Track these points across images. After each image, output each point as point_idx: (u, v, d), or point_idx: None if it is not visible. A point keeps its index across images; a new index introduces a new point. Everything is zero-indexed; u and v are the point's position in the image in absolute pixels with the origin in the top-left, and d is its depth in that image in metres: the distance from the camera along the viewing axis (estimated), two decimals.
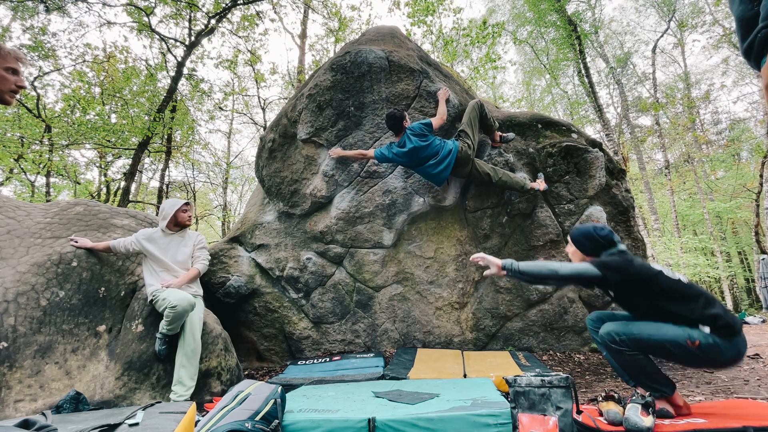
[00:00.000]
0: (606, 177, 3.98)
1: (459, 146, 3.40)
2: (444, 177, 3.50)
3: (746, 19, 0.89)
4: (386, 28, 4.36)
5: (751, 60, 0.92)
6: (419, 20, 10.72)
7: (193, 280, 3.00)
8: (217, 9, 9.47)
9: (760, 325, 8.83)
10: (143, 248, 2.93)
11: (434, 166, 3.42)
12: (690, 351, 1.77)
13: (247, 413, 1.68)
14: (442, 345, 3.76)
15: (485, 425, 1.69)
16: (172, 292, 2.69)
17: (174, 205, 3.06)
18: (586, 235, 2.18)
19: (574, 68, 13.78)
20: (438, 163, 3.41)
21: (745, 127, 15.61)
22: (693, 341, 1.77)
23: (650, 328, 1.88)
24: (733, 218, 17.16)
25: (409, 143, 3.36)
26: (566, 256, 3.93)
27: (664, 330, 1.84)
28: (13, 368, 2.43)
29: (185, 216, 3.09)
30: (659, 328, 1.86)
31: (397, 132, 3.47)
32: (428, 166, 3.44)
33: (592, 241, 2.15)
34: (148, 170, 14.99)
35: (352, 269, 3.93)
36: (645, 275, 1.95)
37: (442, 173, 3.46)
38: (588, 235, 2.17)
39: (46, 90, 9.96)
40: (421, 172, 3.57)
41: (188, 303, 2.65)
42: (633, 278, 1.95)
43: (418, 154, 3.40)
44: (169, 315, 2.58)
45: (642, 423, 1.66)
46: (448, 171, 3.46)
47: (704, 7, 13.96)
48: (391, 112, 3.45)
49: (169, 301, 2.60)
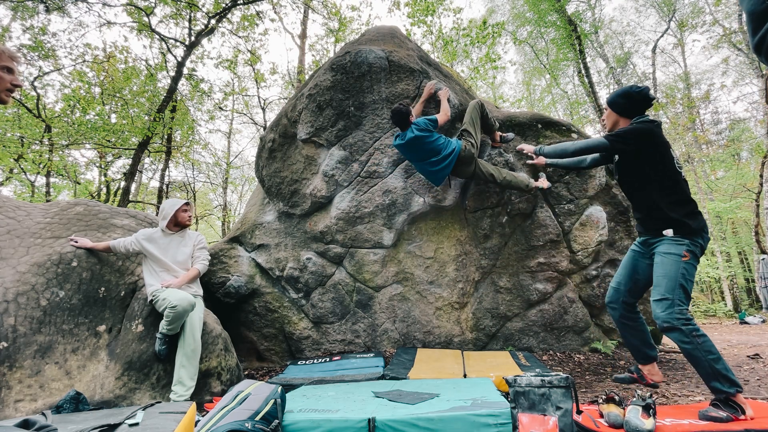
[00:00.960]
0: (606, 177, 3.98)
1: (462, 145, 3.39)
2: (443, 176, 3.50)
3: (757, 14, 0.89)
4: (386, 28, 4.36)
5: (761, 55, 0.91)
6: (419, 20, 10.73)
7: (193, 280, 3.01)
8: (217, 9, 9.47)
9: (760, 325, 8.83)
10: (143, 248, 2.93)
11: (435, 163, 3.41)
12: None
13: (247, 413, 1.68)
14: (442, 345, 3.76)
15: (485, 425, 1.69)
16: (172, 292, 2.69)
17: (174, 205, 3.06)
18: (621, 93, 2.17)
19: (574, 68, 13.78)
20: (439, 161, 3.40)
21: (745, 127, 15.62)
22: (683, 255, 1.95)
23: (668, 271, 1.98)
24: (733, 218, 17.15)
25: (410, 134, 3.33)
26: (566, 256, 3.94)
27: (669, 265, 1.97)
28: (13, 368, 2.43)
29: (185, 216, 3.10)
30: (666, 267, 1.98)
31: (402, 128, 3.44)
32: (428, 162, 3.42)
33: (627, 97, 2.14)
34: (148, 170, 15.00)
35: (352, 269, 3.93)
36: (660, 148, 2.04)
37: (441, 172, 3.46)
38: (624, 93, 2.15)
39: (46, 90, 9.96)
40: (421, 169, 3.56)
41: (188, 303, 2.65)
42: (647, 148, 2.03)
43: (420, 146, 3.36)
44: (169, 315, 2.58)
45: (643, 425, 1.65)
46: (447, 171, 3.46)
47: (704, 7, 13.96)
48: (397, 108, 3.41)
49: (169, 301, 2.60)
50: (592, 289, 3.95)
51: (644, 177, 2.10)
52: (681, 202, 2.03)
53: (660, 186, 2.06)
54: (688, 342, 1.83)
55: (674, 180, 2.04)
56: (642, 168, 2.09)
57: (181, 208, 3.08)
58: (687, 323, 1.84)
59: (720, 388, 1.80)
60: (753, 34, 0.91)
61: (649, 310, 3.96)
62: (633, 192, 2.22)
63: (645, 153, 2.06)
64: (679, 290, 1.89)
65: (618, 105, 2.18)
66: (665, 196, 2.05)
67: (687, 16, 14.41)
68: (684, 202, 2.03)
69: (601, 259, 4.03)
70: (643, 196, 2.14)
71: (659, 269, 1.98)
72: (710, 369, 1.81)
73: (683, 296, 1.89)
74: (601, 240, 3.89)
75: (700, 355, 1.82)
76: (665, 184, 2.05)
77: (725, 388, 1.79)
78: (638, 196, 2.18)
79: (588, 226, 3.91)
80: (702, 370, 1.85)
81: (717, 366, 1.80)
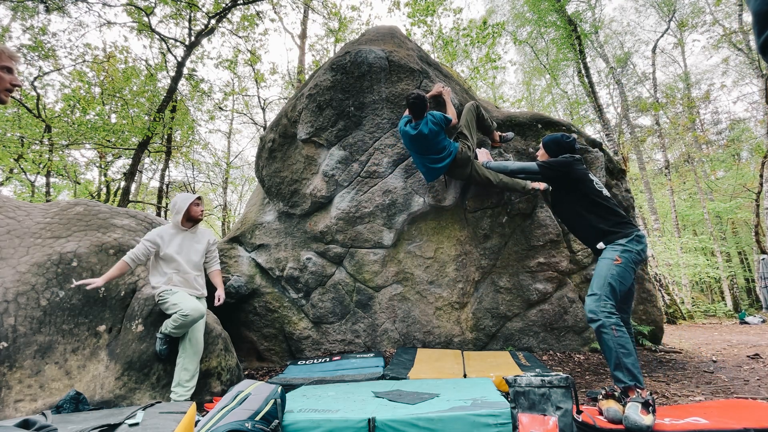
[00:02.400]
0: (606, 177, 3.98)
1: (459, 147, 3.39)
2: (437, 175, 3.49)
3: (764, 14, 0.89)
4: (386, 28, 4.36)
5: (767, 55, 0.92)
6: (419, 20, 10.73)
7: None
8: (217, 9, 9.47)
9: (760, 325, 8.83)
10: (160, 248, 2.85)
11: (435, 161, 3.40)
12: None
13: (247, 413, 1.68)
14: (442, 345, 3.76)
15: (485, 425, 1.69)
16: (185, 300, 2.65)
17: (187, 199, 2.98)
18: (553, 139, 2.71)
19: (574, 68, 13.78)
20: (438, 160, 3.39)
21: (745, 127, 15.62)
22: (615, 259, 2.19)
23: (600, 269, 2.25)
24: (733, 218, 17.16)
25: (425, 128, 3.27)
26: (566, 256, 3.95)
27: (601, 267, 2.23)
28: (13, 368, 2.43)
29: (198, 210, 3.02)
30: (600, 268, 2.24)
31: (417, 116, 3.32)
32: (428, 158, 3.41)
33: (557, 144, 2.68)
34: (148, 170, 15.00)
35: (352, 269, 3.93)
36: (579, 176, 2.46)
37: (437, 171, 3.45)
38: (555, 140, 2.70)
39: (46, 90, 9.96)
40: (419, 162, 3.52)
41: (200, 314, 2.64)
42: (569, 176, 2.47)
43: (428, 140, 3.31)
44: (179, 321, 2.56)
45: (642, 421, 1.66)
46: (442, 170, 3.46)
47: (704, 7, 13.96)
48: (419, 94, 3.26)
49: (181, 308, 2.57)
50: None
51: (573, 201, 2.49)
52: (606, 216, 2.36)
53: (586, 207, 2.42)
54: (606, 332, 2.00)
55: (597, 199, 2.40)
56: (569, 194, 2.51)
57: (194, 202, 3.01)
58: (609, 316, 2.03)
59: (621, 378, 1.92)
60: (759, 35, 0.91)
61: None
62: (566, 217, 2.61)
63: (568, 180, 2.49)
64: (607, 287, 2.12)
65: (549, 148, 2.73)
66: (592, 214, 2.40)
67: (687, 16, 14.41)
68: (609, 215, 2.36)
69: None
70: (576, 220, 2.51)
71: (596, 271, 2.25)
72: (618, 360, 1.95)
73: (609, 293, 2.11)
74: None
75: (612, 345, 1.97)
76: (590, 204, 2.41)
77: (626, 380, 1.90)
78: (572, 220, 2.55)
79: None
80: (610, 361, 1.99)
81: (625, 360, 1.94)
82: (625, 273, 2.17)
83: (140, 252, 2.77)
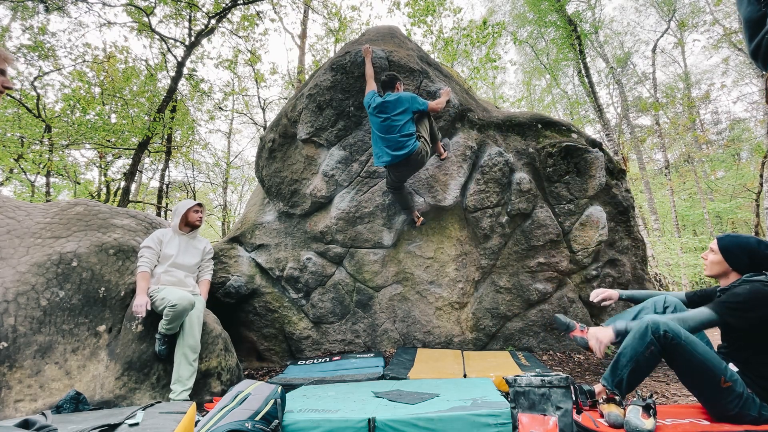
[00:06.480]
0: (606, 177, 3.98)
1: (420, 145, 3.29)
2: (385, 160, 3.34)
3: (754, 21, 0.90)
4: (386, 28, 4.37)
5: (758, 60, 0.92)
6: (419, 20, 10.72)
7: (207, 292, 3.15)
8: (217, 9, 9.47)
9: None
10: (161, 248, 2.96)
11: (396, 146, 3.26)
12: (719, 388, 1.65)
13: (247, 413, 1.68)
14: (442, 345, 3.76)
15: (485, 425, 1.69)
16: (171, 291, 2.70)
17: (186, 204, 3.12)
18: (743, 247, 1.79)
19: (574, 68, 13.78)
20: (400, 147, 3.24)
21: (745, 127, 15.62)
22: (726, 381, 1.63)
23: (700, 345, 1.68)
24: (733, 218, 17.14)
25: (390, 96, 3.30)
26: (566, 256, 3.94)
27: (711, 354, 1.67)
28: (13, 368, 2.43)
29: (196, 216, 3.14)
30: (707, 350, 1.68)
31: (387, 89, 3.43)
32: (392, 140, 3.27)
33: (751, 256, 1.77)
34: (148, 170, 14.99)
35: (352, 269, 3.93)
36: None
37: (386, 155, 3.31)
38: (746, 248, 1.78)
39: (46, 90, 9.94)
40: (381, 145, 3.37)
41: (188, 302, 2.65)
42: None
43: (386, 110, 3.27)
44: (169, 314, 2.58)
45: (643, 425, 1.65)
46: (390, 158, 3.29)
47: (704, 7, 13.96)
48: (390, 73, 3.46)
49: (169, 300, 2.60)
50: (592, 289, 3.95)
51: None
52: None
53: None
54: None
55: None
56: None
57: (192, 208, 3.13)
58: None
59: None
60: (750, 41, 0.93)
61: None
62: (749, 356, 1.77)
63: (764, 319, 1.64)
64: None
65: (736, 259, 1.80)
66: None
67: (687, 16, 14.41)
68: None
69: (601, 259, 4.03)
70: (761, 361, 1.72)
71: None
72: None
73: None
74: (601, 240, 3.89)
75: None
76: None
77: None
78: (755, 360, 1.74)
79: (588, 226, 3.91)
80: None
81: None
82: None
83: (152, 255, 2.89)
